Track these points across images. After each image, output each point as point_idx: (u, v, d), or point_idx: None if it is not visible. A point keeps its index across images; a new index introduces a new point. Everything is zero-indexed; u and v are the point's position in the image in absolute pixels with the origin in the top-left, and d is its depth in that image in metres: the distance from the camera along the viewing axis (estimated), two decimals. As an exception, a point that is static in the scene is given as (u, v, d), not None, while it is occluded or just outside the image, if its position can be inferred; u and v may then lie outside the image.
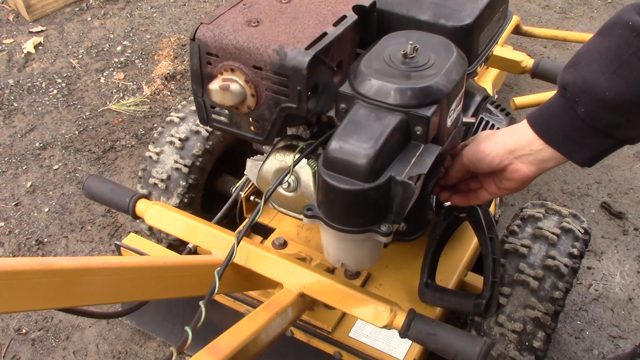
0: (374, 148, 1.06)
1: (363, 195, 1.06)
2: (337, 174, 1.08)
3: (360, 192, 1.06)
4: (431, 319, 1.24)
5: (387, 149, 1.08)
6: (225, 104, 1.27)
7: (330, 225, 1.12)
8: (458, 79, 1.18)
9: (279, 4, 1.35)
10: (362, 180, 1.06)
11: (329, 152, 1.08)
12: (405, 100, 1.11)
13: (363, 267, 1.29)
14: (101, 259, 1.11)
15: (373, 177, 1.06)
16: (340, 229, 1.11)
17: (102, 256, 1.13)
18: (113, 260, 1.13)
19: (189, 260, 1.32)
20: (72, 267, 1.04)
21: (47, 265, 1.00)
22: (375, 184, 1.06)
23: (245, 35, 1.24)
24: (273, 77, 1.22)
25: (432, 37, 1.25)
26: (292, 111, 1.25)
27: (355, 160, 1.06)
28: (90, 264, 1.08)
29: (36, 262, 1.00)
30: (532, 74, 1.97)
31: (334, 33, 1.26)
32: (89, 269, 1.07)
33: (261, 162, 1.46)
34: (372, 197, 1.07)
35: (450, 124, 1.22)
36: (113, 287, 1.13)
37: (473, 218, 1.53)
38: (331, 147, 1.08)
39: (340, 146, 1.07)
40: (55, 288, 1.02)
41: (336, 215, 1.11)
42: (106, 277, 1.11)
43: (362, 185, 1.06)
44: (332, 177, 1.08)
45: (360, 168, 1.05)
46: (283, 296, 1.31)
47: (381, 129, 1.09)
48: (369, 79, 1.15)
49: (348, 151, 1.07)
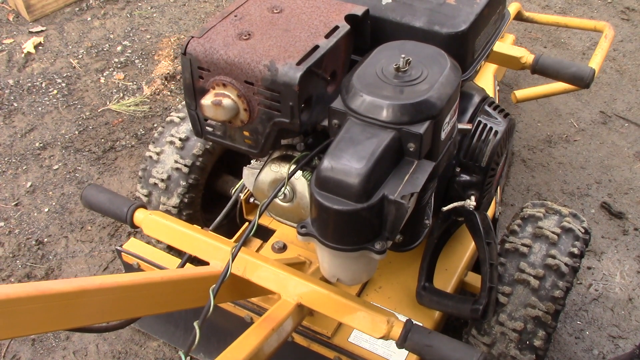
0: (366, 167, 1.05)
1: (356, 215, 1.06)
2: (330, 194, 1.07)
3: (353, 212, 1.06)
4: (428, 330, 1.25)
5: (379, 167, 1.08)
6: (218, 119, 1.26)
7: (324, 243, 1.12)
8: (452, 92, 1.17)
9: (270, 14, 1.33)
10: (354, 201, 1.05)
11: (320, 171, 1.08)
12: (397, 117, 1.11)
13: (359, 281, 1.29)
14: (98, 280, 1.12)
15: (365, 197, 1.06)
16: (333, 247, 1.12)
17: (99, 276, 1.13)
18: (109, 280, 1.14)
19: (186, 273, 1.32)
20: (68, 290, 1.05)
21: (43, 290, 1.01)
22: (367, 204, 1.06)
23: (236, 50, 1.23)
24: (265, 92, 1.22)
25: (426, 47, 1.24)
26: (285, 126, 1.24)
27: (347, 180, 1.05)
28: (86, 285, 1.08)
29: (32, 289, 1.00)
30: (532, 69, 1.94)
31: (326, 45, 1.24)
32: (86, 291, 1.08)
33: (257, 171, 1.46)
34: (365, 217, 1.07)
35: (445, 136, 1.21)
36: (111, 306, 1.14)
37: (470, 223, 1.53)
38: (323, 166, 1.08)
39: (332, 166, 1.07)
40: (52, 312, 1.03)
41: (329, 234, 1.11)
42: (103, 297, 1.12)
43: (354, 205, 1.05)
44: (324, 197, 1.07)
45: (352, 188, 1.05)
46: (281, 308, 1.32)
47: (373, 147, 1.08)
48: (361, 94, 1.14)
49: (340, 171, 1.06)
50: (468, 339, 1.60)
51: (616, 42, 3.22)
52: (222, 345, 1.77)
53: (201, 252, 1.46)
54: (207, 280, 1.34)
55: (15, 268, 2.16)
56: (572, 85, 1.92)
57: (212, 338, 1.80)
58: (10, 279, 2.13)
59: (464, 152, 1.53)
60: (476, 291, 1.71)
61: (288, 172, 1.30)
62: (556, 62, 1.89)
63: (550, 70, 1.90)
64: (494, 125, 1.57)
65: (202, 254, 1.45)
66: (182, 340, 1.87)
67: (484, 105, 1.59)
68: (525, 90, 2.22)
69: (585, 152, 2.62)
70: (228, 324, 1.71)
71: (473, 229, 1.51)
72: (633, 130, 2.73)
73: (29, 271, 2.16)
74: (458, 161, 1.54)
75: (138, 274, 1.21)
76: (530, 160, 2.58)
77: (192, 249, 1.48)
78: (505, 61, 2.06)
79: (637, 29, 3.34)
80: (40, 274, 2.16)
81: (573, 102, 2.87)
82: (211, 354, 1.80)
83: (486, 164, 1.54)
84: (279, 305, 1.33)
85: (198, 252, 1.47)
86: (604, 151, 2.63)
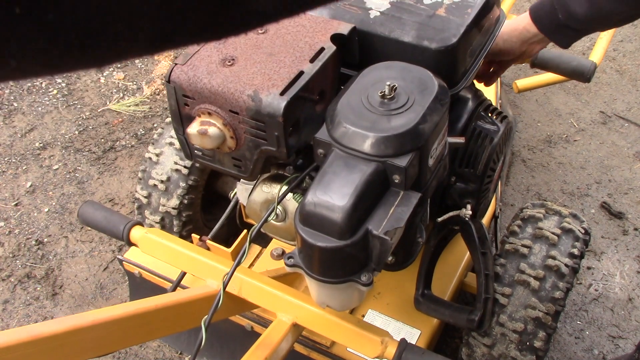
0: (349, 204, 1.05)
1: (340, 252, 1.06)
2: (313, 230, 1.07)
3: (337, 249, 1.05)
4: (422, 350, 1.26)
5: (363, 202, 1.07)
6: (205, 147, 1.26)
7: (311, 275, 1.13)
8: (439, 119, 1.14)
9: (255, 35, 1.31)
10: (337, 238, 1.05)
11: (304, 206, 1.07)
12: (381, 150, 1.09)
13: (349, 307, 1.30)
14: (90, 315, 1.14)
15: (349, 234, 1.05)
16: (320, 279, 1.12)
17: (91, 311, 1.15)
18: (102, 314, 1.16)
19: (180, 298, 1.34)
20: (61, 331, 1.07)
21: (35, 335, 1.03)
22: (351, 240, 1.05)
23: (219, 79, 1.21)
24: (250, 121, 1.20)
25: (413, 70, 1.21)
26: (272, 154, 1.24)
27: (331, 216, 1.05)
28: (79, 324, 1.10)
29: (24, 333, 1.03)
30: (532, 64, 1.90)
31: (311, 71, 1.22)
32: (79, 330, 1.10)
33: (250, 187, 1.46)
34: (349, 253, 1.07)
35: (433, 162, 1.19)
36: (105, 340, 1.17)
37: (466, 233, 1.52)
38: (306, 201, 1.07)
39: (315, 202, 1.06)
40: (46, 355, 1.05)
41: (315, 268, 1.11)
42: (97, 333, 1.14)
43: (337, 242, 1.05)
44: (308, 233, 1.07)
45: (335, 226, 1.05)
46: (276, 329, 1.34)
47: (357, 181, 1.07)
48: (345, 126, 1.12)
49: (323, 207, 1.06)
50: (468, 340, 1.62)
51: (616, 42, 3.16)
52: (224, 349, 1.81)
53: (197, 270, 1.48)
54: (203, 302, 1.36)
55: (15, 268, 2.20)
56: (573, 79, 1.87)
57: (215, 343, 1.83)
58: (10, 279, 2.17)
59: (459, 161, 1.51)
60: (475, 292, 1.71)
61: (278, 195, 1.30)
62: (556, 56, 1.85)
63: (551, 64, 1.86)
64: (489, 132, 1.54)
65: (198, 273, 1.47)
66: (186, 345, 1.90)
67: (479, 110, 1.56)
68: (526, 79, 2.17)
69: (585, 152, 2.61)
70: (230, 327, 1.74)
71: (468, 239, 1.51)
72: (633, 130, 2.70)
73: (29, 271, 2.20)
74: (453, 170, 1.52)
75: (131, 304, 1.23)
76: (530, 160, 2.56)
77: (188, 267, 1.50)
78: (505, 55, 2.01)
79: (637, 29, 3.27)
80: (40, 274, 2.20)
81: (573, 102, 2.84)
82: (213, 357, 1.84)
83: (482, 172, 1.52)
84: (275, 326, 1.35)
85: (194, 271, 1.49)
86: (603, 151, 2.61)
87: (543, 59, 1.87)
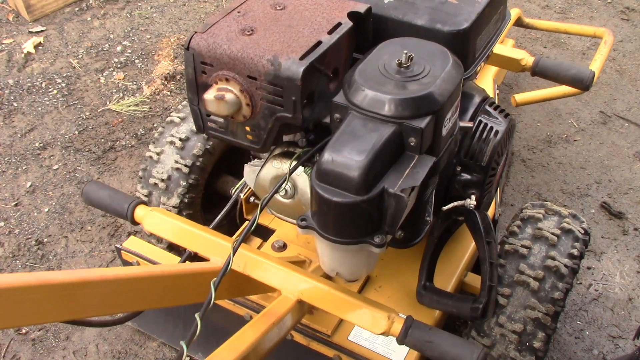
0: (366, 160, 1.06)
1: (355, 208, 1.06)
2: (330, 186, 1.08)
3: (353, 204, 1.06)
4: (428, 326, 1.25)
5: (379, 160, 1.08)
6: (220, 114, 1.27)
7: (324, 236, 1.13)
8: (453, 89, 1.17)
9: (274, 11, 1.34)
10: (354, 193, 1.06)
11: (321, 164, 1.08)
12: (399, 112, 1.11)
13: (358, 276, 1.29)
14: (99, 271, 1.12)
15: (365, 190, 1.06)
16: (333, 240, 1.12)
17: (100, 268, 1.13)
18: (110, 272, 1.14)
19: (186, 268, 1.33)
20: (70, 281, 1.05)
21: (44, 280, 1.01)
22: (367, 196, 1.06)
23: (239, 45, 1.24)
24: (268, 87, 1.22)
25: (428, 44, 1.25)
26: (288, 120, 1.25)
27: (348, 172, 1.06)
28: (87, 276, 1.08)
29: (34, 278, 1.01)
30: (532, 72, 1.95)
31: (329, 41, 1.25)
32: (87, 282, 1.08)
33: (259, 168, 1.46)
34: (365, 210, 1.07)
35: (446, 133, 1.22)
36: (112, 298, 1.14)
37: (471, 222, 1.53)
38: (323, 159, 1.08)
39: (333, 158, 1.07)
40: (53, 302, 1.03)
41: (329, 227, 1.11)
42: (104, 289, 1.12)
43: (354, 197, 1.06)
44: (324, 189, 1.08)
45: (353, 181, 1.05)
46: (281, 304, 1.32)
47: (374, 140, 1.09)
48: (363, 89, 1.14)
49: (340, 164, 1.07)
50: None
51: (616, 42, 3.23)
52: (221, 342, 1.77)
53: (202, 248, 1.46)
54: (207, 276, 1.34)
55: (15, 268, 2.16)
56: (572, 87, 1.93)
57: (211, 337, 1.79)
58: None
59: (464, 152, 1.53)
60: (475, 292, 1.71)
61: (289, 168, 1.31)
62: (556, 65, 1.91)
63: (550, 72, 1.91)
64: (494, 125, 1.57)
65: (203, 250, 1.46)
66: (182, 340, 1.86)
67: (484, 105, 1.60)
68: (524, 94, 2.23)
69: (585, 152, 2.63)
70: (227, 323, 1.71)
71: (473, 228, 1.52)
72: (633, 130, 2.73)
73: (29, 271, 2.16)
74: (459, 160, 1.54)
75: (139, 268, 1.22)
76: (530, 160, 2.58)
77: (193, 245, 1.48)
78: (505, 63, 2.07)
79: (637, 29, 3.35)
80: (40, 274, 2.16)
81: (573, 102, 2.88)
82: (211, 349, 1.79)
83: (487, 164, 1.54)
84: (280, 301, 1.33)
85: (198, 248, 1.47)
86: (603, 151, 2.63)
87: (543, 67, 1.92)
